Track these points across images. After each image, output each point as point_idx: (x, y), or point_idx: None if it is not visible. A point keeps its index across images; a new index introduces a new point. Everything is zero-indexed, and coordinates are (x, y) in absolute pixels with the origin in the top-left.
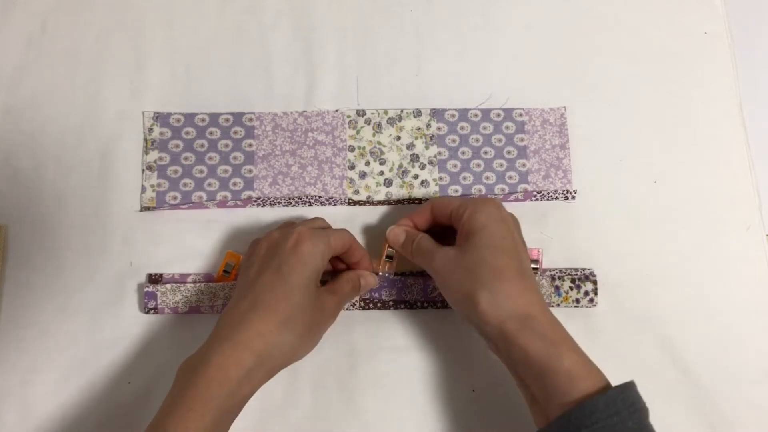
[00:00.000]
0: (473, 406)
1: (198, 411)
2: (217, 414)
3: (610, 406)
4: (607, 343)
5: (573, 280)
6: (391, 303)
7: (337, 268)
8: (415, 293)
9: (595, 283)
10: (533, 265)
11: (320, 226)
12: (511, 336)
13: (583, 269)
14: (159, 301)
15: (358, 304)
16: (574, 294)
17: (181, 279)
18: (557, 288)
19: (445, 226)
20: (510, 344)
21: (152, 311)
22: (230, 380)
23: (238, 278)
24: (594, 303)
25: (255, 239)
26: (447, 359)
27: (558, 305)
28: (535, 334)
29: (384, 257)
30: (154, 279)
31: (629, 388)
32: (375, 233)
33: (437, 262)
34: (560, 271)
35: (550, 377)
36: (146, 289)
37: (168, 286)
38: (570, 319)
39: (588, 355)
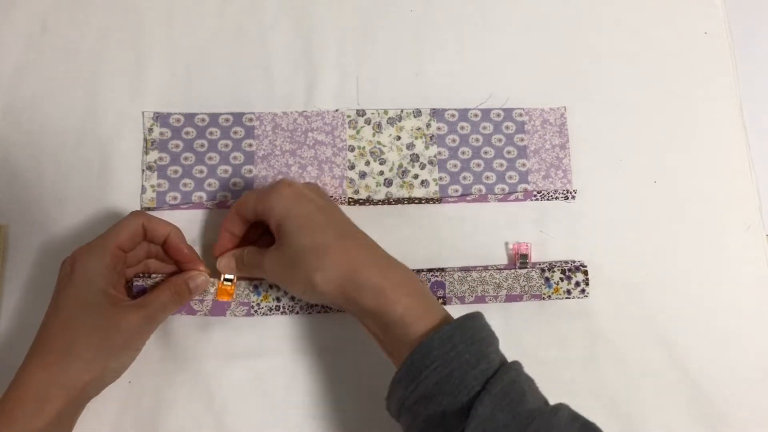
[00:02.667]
0: None
1: None
2: None
3: (445, 342)
4: (607, 343)
5: (563, 271)
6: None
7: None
8: None
9: (586, 273)
10: (522, 260)
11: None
12: (352, 299)
13: (573, 261)
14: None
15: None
16: (564, 285)
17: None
18: (547, 279)
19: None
20: (352, 305)
21: None
22: (15, 420)
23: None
24: (586, 294)
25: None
26: None
27: (549, 297)
28: (365, 288)
29: (222, 281)
30: (143, 276)
31: (469, 319)
32: (375, 233)
33: (267, 268)
34: (550, 263)
35: (390, 327)
36: (135, 283)
37: (158, 279)
38: (570, 318)
39: (429, 294)
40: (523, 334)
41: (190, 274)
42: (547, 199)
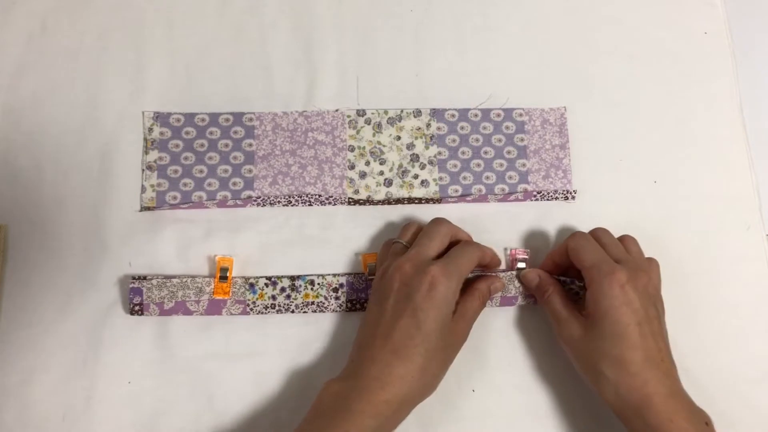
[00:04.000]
0: (473, 406)
1: None
2: None
3: None
4: None
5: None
6: None
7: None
8: None
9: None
10: (520, 264)
11: (444, 234)
12: (627, 422)
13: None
14: (145, 297)
15: (345, 306)
16: None
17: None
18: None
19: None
20: (627, 425)
21: (137, 309)
22: (379, 415)
23: (372, 301)
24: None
25: (387, 241)
26: None
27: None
28: (647, 426)
29: (219, 278)
30: (139, 278)
31: None
32: (375, 233)
33: (564, 334)
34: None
35: None
36: (131, 285)
37: (153, 281)
38: None
39: None
40: (523, 335)
41: (491, 279)
42: (547, 199)
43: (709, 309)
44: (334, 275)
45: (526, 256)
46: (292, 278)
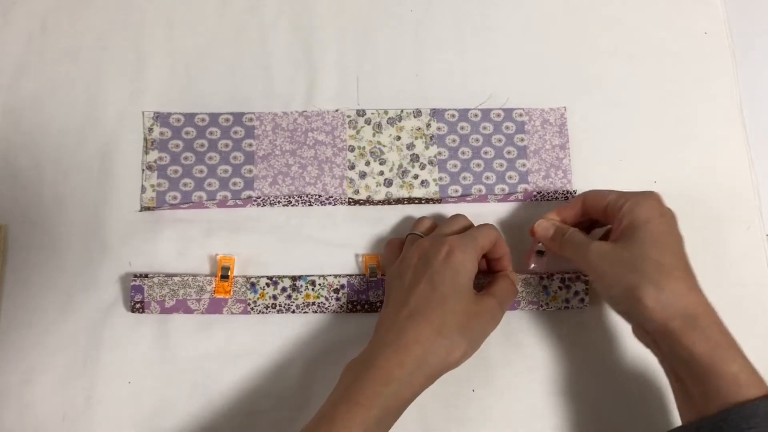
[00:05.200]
0: (473, 406)
1: (364, 405)
2: (380, 411)
3: None
4: (607, 343)
5: (563, 280)
6: (378, 304)
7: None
8: None
9: (586, 282)
10: (538, 252)
11: (464, 226)
12: (677, 335)
13: (575, 271)
14: (146, 295)
15: (345, 307)
16: (563, 294)
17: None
18: (545, 287)
19: (592, 221)
20: (674, 342)
21: (138, 306)
22: (394, 379)
23: (391, 284)
24: (585, 303)
25: (390, 240)
26: None
27: (547, 305)
28: (702, 335)
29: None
30: (140, 276)
31: None
32: (375, 233)
33: (592, 255)
34: (548, 273)
35: (715, 380)
36: (132, 283)
37: (155, 279)
38: (569, 318)
39: (751, 360)
40: (524, 335)
41: (512, 274)
42: (547, 199)
43: None
44: (336, 276)
45: (543, 249)
46: (293, 278)
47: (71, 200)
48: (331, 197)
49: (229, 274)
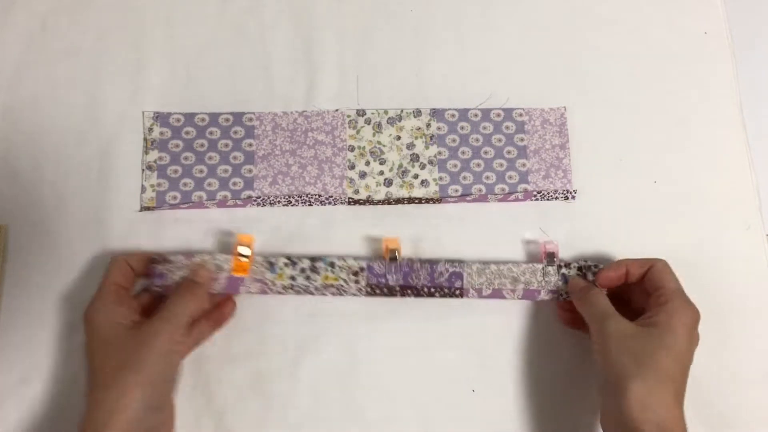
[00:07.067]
0: (473, 406)
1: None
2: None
3: None
4: None
5: (580, 269)
6: (397, 289)
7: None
8: (422, 278)
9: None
10: (548, 260)
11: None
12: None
13: (586, 261)
14: (168, 280)
15: (364, 290)
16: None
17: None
18: (564, 276)
19: (620, 295)
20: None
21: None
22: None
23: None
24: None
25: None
26: (447, 359)
27: (567, 293)
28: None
29: (238, 255)
30: (158, 260)
31: None
32: (375, 233)
33: (611, 326)
34: (565, 261)
35: None
36: (153, 267)
37: (175, 260)
38: None
39: None
40: (523, 335)
41: (194, 267)
42: (547, 199)
43: (709, 309)
44: (356, 258)
45: (555, 250)
46: (313, 259)
47: (71, 200)
48: (331, 197)
49: (248, 252)
